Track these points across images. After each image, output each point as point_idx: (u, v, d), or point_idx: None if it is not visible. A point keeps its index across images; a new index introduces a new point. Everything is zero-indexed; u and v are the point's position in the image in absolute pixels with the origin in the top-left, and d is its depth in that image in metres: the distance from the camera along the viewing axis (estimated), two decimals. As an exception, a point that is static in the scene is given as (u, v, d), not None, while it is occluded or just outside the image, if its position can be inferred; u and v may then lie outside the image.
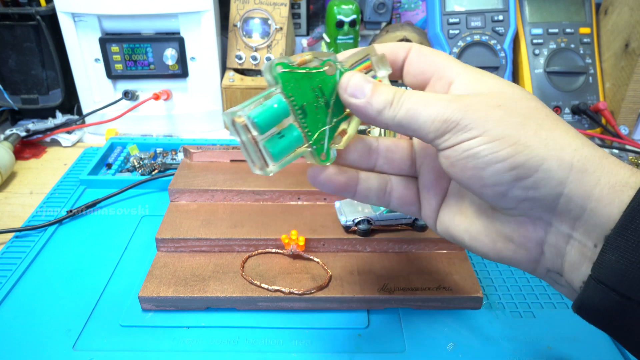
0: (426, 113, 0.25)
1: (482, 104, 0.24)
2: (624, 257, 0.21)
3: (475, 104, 0.24)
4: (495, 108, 0.24)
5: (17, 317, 0.39)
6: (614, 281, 0.21)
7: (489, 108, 0.24)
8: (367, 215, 0.43)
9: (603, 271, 0.22)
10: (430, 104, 0.25)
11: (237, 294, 0.39)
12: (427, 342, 0.37)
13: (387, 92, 0.26)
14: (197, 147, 0.53)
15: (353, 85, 0.27)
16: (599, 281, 0.22)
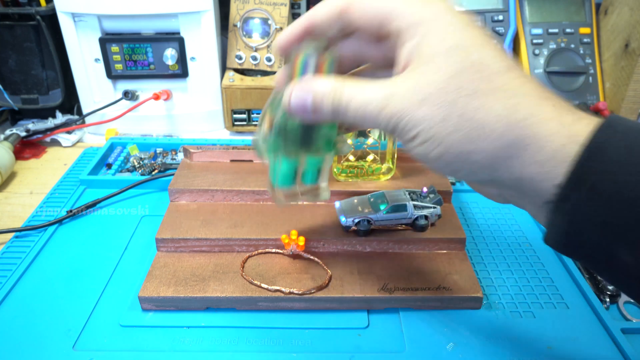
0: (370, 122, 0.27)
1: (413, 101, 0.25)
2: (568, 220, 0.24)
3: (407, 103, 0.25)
4: (423, 103, 0.25)
5: (17, 317, 0.39)
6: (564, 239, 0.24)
7: (418, 104, 0.25)
8: (367, 215, 0.43)
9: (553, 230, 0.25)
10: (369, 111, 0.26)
11: (237, 294, 0.39)
12: (427, 342, 0.37)
13: (327, 101, 0.28)
14: (197, 147, 0.53)
15: (294, 108, 0.29)
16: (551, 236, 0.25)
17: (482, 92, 0.24)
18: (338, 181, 0.50)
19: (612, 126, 0.23)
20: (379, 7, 0.28)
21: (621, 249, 0.22)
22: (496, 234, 0.50)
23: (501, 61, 0.25)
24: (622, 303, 0.42)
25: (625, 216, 0.22)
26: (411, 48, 0.26)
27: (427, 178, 0.51)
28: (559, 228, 0.24)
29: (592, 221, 0.23)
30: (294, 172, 0.36)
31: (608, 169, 0.22)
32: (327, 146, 0.36)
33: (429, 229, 0.45)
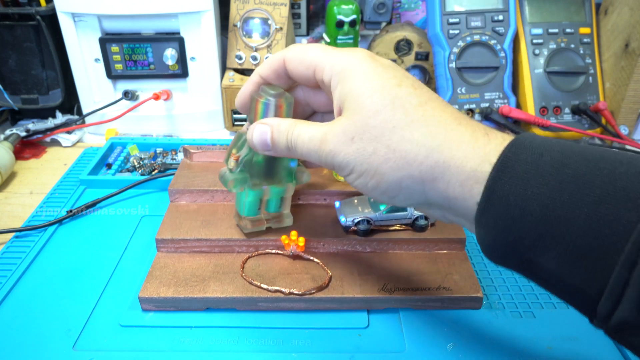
0: (313, 159, 0.32)
1: (343, 141, 0.29)
2: (488, 233, 0.26)
3: (339, 144, 0.30)
4: (352, 142, 0.29)
5: (17, 317, 0.39)
6: (489, 252, 0.27)
7: (348, 143, 0.29)
8: (367, 215, 0.43)
9: (481, 243, 0.27)
10: (311, 149, 0.31)
11: (237, 294, 0.39)
12: (427, 342, 0.37)
13: (281, 140, 0.33)
14: (197, 147, 0.53)
15: (258, 144, 0.35)
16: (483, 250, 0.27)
17: (403, 124, 0.28)
18: (338, 181, 0.50)
19: (520, 144, 0.25)
20: (305, 62, 0.33)
21: (539, 255, 0.24)
22: (496, 234, 0.50)
23: (417, 96, 0.29)
24: (622, 303, 0.42)
25: (535, 226, 0.24)
26: (339, 95, 0.31)
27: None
28: (483, 241, 0.26)
29: (509, 233, 0.25)
30: (258, 201, 0.42)
31: (516, 183, 0.24)
32: (288, 177, 0.42)
33: (429, 229, 0.45)
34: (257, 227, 0.43)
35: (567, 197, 0.23)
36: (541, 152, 0.25)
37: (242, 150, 0.39)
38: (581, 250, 0.22)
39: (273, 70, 0.35)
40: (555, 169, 0.24)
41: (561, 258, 0.23)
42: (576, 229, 0.22)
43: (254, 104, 0.36)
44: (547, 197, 0.23)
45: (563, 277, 0.24)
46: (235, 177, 0.39)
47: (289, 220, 0.45)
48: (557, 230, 0.23)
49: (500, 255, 0.26)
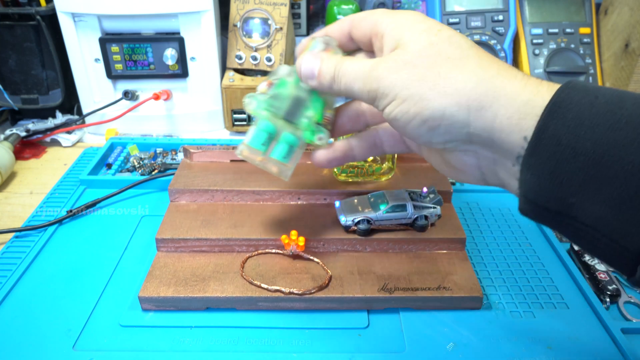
0: (357, 87, 0.31)
1: (393, 67, 0.29)
2: (535, 174, 0.25)
3: (388, 69, 0.29)
4: (403, 68, 0.28)
5: (17, 317, 0.39)
6: (533, 196, 0.25)
7: (398, 69, 0.29)
8: (367, 215, 0.43)
9: (523, 188, 0.26)
10: (357, 77, 0.31)
11: (237, 294, 0.39)
12: (427, 342, 0.37)
13: (329, 69, 0.33)
14: (197, 147, 0.53)
15: (305, 71, 0.34)
16: (523, 196, 0.26)
17: (457, 56, 0.28)
18: (338, 181, 0.50)
19: (573, 86, 0.25)
20: (369, 19, 0.33)
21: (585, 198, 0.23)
22: (496, 233, 0.50)
23: (467, 42, 0.29)
24: (622, 303, 0.42)
25: (587, 166, 0.23)
26: (394, 35, 0.30)
27: (427, 178, 0.51)
28: (528, 185, 0.25)
29: (558, 174, 0.24)
30: (267, 138, 0.38)
31: (569, 124, 0.23)
32: (307, 129, 0.38)
33: (429, 229, 0.45)
34: (250, 158, 0.39)
35: (622, 138, 0.22)
36: (596, 94, 0.24)
37: (277, 75, 0.38)
38: (632, 192, 0.22)
39: (341, 31, 0.35)
40: (610, 110, 0.23)
41: (609, 202, 0.23)
42: (629, 168, 0.22)
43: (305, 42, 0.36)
44: (602, 137, 0.23)
45: (606, 223, 0.23)
46: (259, 100, 0.37)
47: (285, 176, 0.40)
48: (609, 171, 0.22)
49: (542, 203, 0.25)
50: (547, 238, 0.49)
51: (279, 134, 0.38)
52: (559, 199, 0.24)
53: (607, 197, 0.23)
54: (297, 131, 0.39)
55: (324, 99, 0.38)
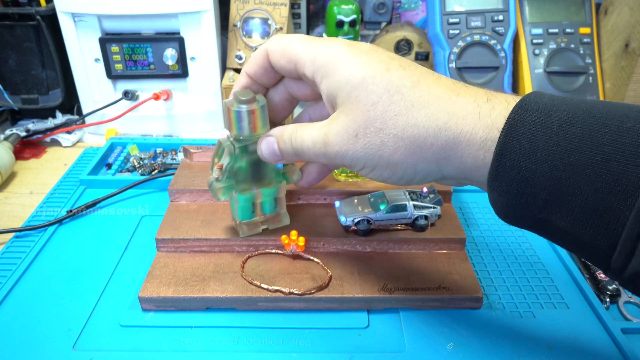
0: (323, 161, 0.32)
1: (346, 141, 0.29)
2: (501, 195, 0.26)
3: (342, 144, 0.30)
4: (356, 141, 0.29)
5: (17, 317, 0.39)
6: (503, 213, 0.27)
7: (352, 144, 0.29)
8: (367, 215, 0.43)
9: (493, 205, 0.28)
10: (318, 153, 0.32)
11: (237, 294, 0.39)
12: (427, 342, 0.37)
13: (288, 147, 0.34)
14: (197, 147, 0.53)
15: (267, 156, 0.36)
16: (496, 211, 0.28)
17: (404, 110, 0.28)
18: (338, 181, 0.50)
19: (526, 106, 0.25)
20: (286, 56, 0.32)
21: (551, 214, 0.25)
22: (496, 233, 0.50)
23: (409, 77, 0.28)
24: (622, 303, 0.42)
25: (547, 186, 0.24)
26: (327, 89, 0.30)
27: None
28: (497, 204, 0.27)
29: (521, 195, 0.25)
30: (251, 205, 0.42)
31: (525, 146, 0.24)
32: (277, 177, 0.42)
33: (429, 229, 0.45)
34: (253, 230, 0.44)
35: (577, 156, 0.23)
36: (548, 112, 0.25)
37: (223, 158, 0.39)
38: (592, 208, 0.23)
39: (259, 66, 0.35)
40: (562, 129, 0.24)
41: (573, 217, 0.24)
42: (586, 187, 0.23)
43: (227, 112, 0.37)
44: (557, 157, 0.23)
45: (575, 234, 0.24)
46: (222, 186, 0.40)
47: (286, 220, 0.45)
48: (568, 190, 0.23)
49: (514, 217, 0.27)
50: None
51: (258, 195, 0.42)
52: (527, 216, 0.26)
53: (569, 214, 0.24)
54: (271, 183, 0.42)
55: None
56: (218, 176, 0.40)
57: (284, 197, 0.44)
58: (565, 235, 0.25)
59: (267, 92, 0.38)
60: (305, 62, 0.31)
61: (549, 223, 0.25)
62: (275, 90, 0.38)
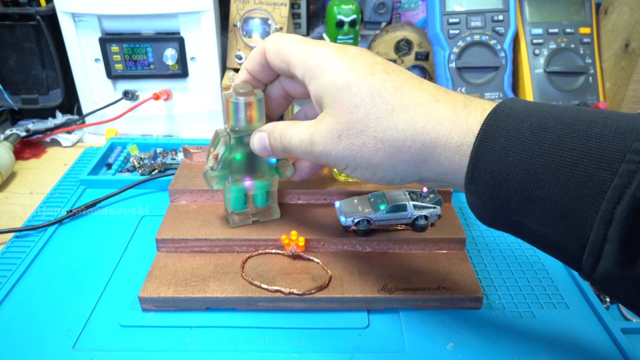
0: (310, 158, 0.33)
1: (330, 141, 0.31)
2: (477, 198, 0.27)
3: (326, 144, 0.31)
4: (339, 142, 0.30)
5: (17, 317, 0.39)
6: (479, 214, 0.28)
7: (336, 144, 0.30)
8: (367, 215, 0.43)
9: (470, 206, 0.28)
10: (304, 152, 0.33)
11: (237, 294, 0.39)
12: (427, 342, 0.37)
13: (277, 144, 0.35)
14: (197, 147, 0.53)
15: (259, 150, 0.38)
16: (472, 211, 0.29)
17: (384, 113, 0.29)
18: (338, 181, 0.50)
19: (500, 112, 0.26)
20: (280, 56, 0.33)
21: (524, 217, 0.25)
22: (496, 233, 0.50)
23: (391, 81, 0.29)
24: (622, 303, 0.42)
25: (520, 190, 0.25)
26: (314, 91, 0.32)
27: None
28: (474, 207, 0.28)
29: (495, 198, 0.26)
30: (243, 196, 0.44)
31: (499, 151, 0.25)
32: (270, 171, 0.43)
33: (429, 229, 0.45)
34: (244, 221, 0.45)
35: (546, 160, 0.24)
36: (521, 117, 0.25)
37: (218, 148, 0.40)
38: (562, 211, 0.24)
39: (257, 62, 0.36)
40: (534, 134, 0.25)
41: (545, 219, 0.24)
42: (556, 191, 0.24)
43: (225, 103, 0.39)
44: (528, 162, 0.24)
45: (548, 236, 0.25)
46: (216, 175, 0.41)
47: (277, 214, 0.46)
48: (539, 193, 0.24)
49: (490, 219, 0.28)
50: (547, 238, 0.49)
51: (251, 187, 0.43)
52: (502, 218, 0.27)
53: (540, 217, 0.24)
54: (264, 176, 0.43)
55: None
56: (213, 165, 0.41)
57: (276, 191, 0.45)
58: (538, 237, 0.26)
59: (264, 88, 0.40)
60: (296, 64, 0.32)
61: (523, 225, 0.26)
62: (272, 87, 0.39)
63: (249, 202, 0.44)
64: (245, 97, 0.38)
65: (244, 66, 0.38)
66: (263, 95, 0.39)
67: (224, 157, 0.40)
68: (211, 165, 0.41)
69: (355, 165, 0.31)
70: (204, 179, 0.42)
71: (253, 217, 0.45)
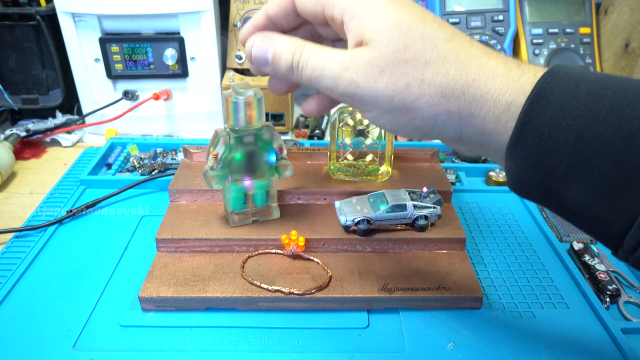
0: (324, 84, 0.29)
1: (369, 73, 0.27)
2: (519, 165, 0.25)
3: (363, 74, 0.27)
4: (380, 76, 0.27)
5: (17, 317, 0.39)
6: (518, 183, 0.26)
7: (375, 78, 0.27)
8: (366, 215, 0.43)
9: (508, 175, 0.27)
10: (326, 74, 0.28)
11: (237, 294, 0.39)
12: (427, 342, 0.37)
13: (286, 54, 0.30)
14: (197, 147, 0.53)
15: (256, 56, 0.31)
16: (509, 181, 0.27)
17: (435, 59, 0.27)
18: (338, 181, 0.50)
19: (555, 75, 0.25)
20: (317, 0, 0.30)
21: (568, 188, 0.24)
22: (496, 234, 0.50)
23: (443, 32, 0.27)
24: (622, 303, 0.42)
25: (569, 158, 0.23)
26: (356, 28, 0.28)
27: (427, 178, 0.51)
28: (513, 175, 0.26)
29: (541, 165, 0.24)
30: (243, 196, 0.43)
31: (551, 114, 0.24)
32: (270, 171, 0.43)
33: (429, 229, 0.45)
34: (243, 221, 0.45)
35: (604, 128, 0.22)
36: (577, 82, 0.24)
37: (218, 147, 0.40)
38: (613, 183, 0.22)
39: (281, 8, 0.32)
40: (591, 100, 0.23)
41: (592, 190, 0.23)
42: (610, 160, 0.22)
43: (225, 103, 0.39)
44: (583, 128, 0.23)
45: (591, 209, 0.23)
46: (216, 174, 0.41)
47: (277, 214, 0.46)
48: (590, 162, 0.23)
49: (528, 189, 0.26)
50: (547, 238, 0.49)
51: (251, 187, 0.43)
52: (543, 187, 0.25)
53: (588, 188, 0.23)
54: (264, 175, 0.43)
55: (271, 136, 0.42)
56: (212, 165, 0.41)
57: (275, 191, 0.45)
58: (579, 210, 0.24)
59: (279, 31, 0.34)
60: (335, 3, 0.29)
61: (565, 197, 0.24)
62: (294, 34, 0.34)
63: (248, 202, 0.44)
64: (244, 97, 0.38)
65: (264, 10, 0.33)
66: (262, 95, 0.39)
67: (223, 156, 0.41)
68: (211, 165, 0.41)
69: (389, 108, 0.28)
70: (204, 178, 0.42)
71: (253, 216, 0.45)
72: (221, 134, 0.40)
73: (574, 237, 0.50)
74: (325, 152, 0.53)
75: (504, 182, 0.58)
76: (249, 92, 0.38)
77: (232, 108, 0.38)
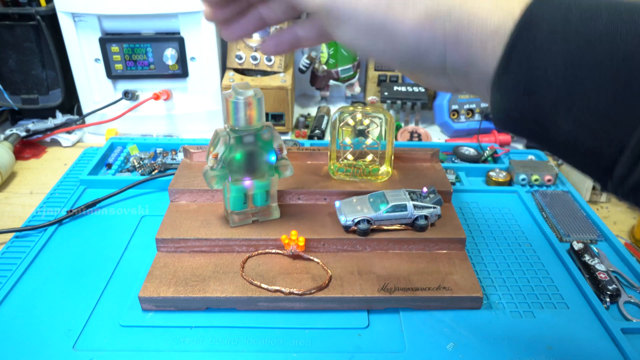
0: None
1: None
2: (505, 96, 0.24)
3: None
4: None
5: (17, 317, 0.39)
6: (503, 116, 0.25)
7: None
8: (367, 215, 0.43)
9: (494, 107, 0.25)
10: None
11: (237, 294, 0.39)
12: (427, 342, 0.37)
13: None
14: (197, 147, 0.53)
15: None
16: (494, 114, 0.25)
17: None
18: (338, 181, 0.50)
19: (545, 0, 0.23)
20: None
21: (558, 117, 0.23)
22: (496, 234, 0.50)
23: None
24: (622, 303, 0.42)
25: (558, 85, 0.22)
26: None
27: (427, 178, 0.51)
28: (499, 107, 0.25)
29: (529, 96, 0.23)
30: (243, 196, 0.44)
31: (541, 42, 0.22)
32: (270, 171, 0.43)
33: (429, 229, 0.45)
34: (243, 221, 0.45)
35: (596, 51, 0.21)
36: (569, 5, 0.22)
37: (218, 147, 0.41)
38: (605, 110, 0.21)
39: None
40: (583, 23, 0.22)
41: (582, 118, 0.22)
42: (602, 86, 0.21)
43: (225, 103, 0.39)
44: (574, 54, 0.21)
45: (579, 138, 0.22)
46: (216, 174, 0.41)
47: (277, 213, 0.46)
48: (581, 89, 0.21)
49: (515, 121, 0.24)
50: (547, 238, 0.49)
51: (251, 187, 0.43)
52: (531, 119, 0.24)
53: (578, 116, 0.22)
54: (264, 175, 0.43)
55: (271, 136, 0.42)
56: (213, 165, 0.41)
57: (275, 191, 0.45)
58: (567, 141, 0.23)
59: None
60: None
61: (553, 127, 0.23)
62: None
63: (248, 202, 0.44)
64: (244, 97, 0.38)
65: None
66: (263, 95, 0.39)
67: (223, 156, 0.41)
68: (211, 165, 0.41)
69: (368, 28, 0.26)
70: (204, 178, 0.42)
71: (253, 216, 0.45)
72: (221, 134, 0.40)
73: (574, 237, 0.50)
74: (325, 152, 0.53)
75: (504, 182, 0.58)
76: (249, 92, 0.38)
77: (232, 108, 0.39)
